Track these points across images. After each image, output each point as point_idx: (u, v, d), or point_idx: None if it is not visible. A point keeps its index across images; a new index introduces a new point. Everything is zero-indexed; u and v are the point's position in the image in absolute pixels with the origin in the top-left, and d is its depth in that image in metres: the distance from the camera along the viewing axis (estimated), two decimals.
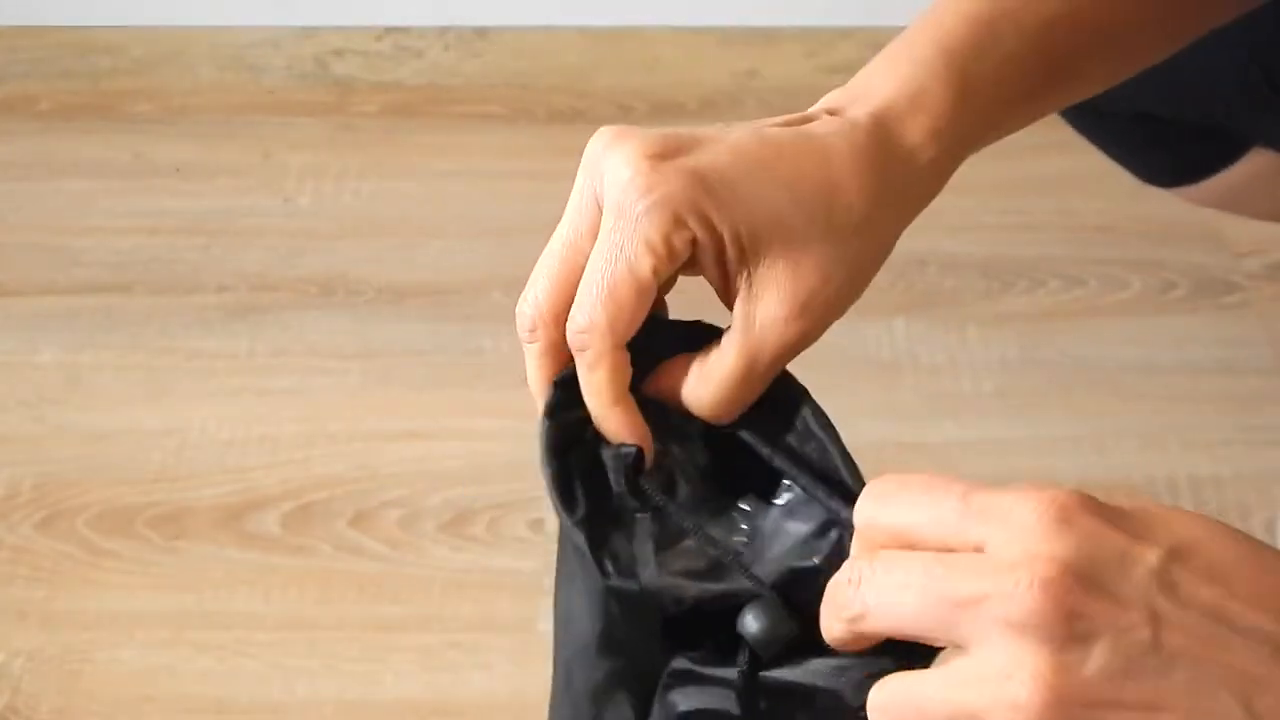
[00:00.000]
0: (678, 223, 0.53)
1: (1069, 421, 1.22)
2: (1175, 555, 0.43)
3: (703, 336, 0.55)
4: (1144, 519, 0.44)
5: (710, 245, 0.54)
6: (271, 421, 1.24)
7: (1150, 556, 0.43)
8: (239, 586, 1.12)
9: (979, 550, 0.44)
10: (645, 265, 0.53)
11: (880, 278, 0.74)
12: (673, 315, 0.59)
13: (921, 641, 0.45)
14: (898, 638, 0.45)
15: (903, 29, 0.67)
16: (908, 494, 0.46)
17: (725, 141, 0.55)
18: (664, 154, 0.54)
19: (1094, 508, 0.44)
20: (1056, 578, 0.42)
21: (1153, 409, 1.24)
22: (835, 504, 0.51)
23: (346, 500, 1.18)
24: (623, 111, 1.58)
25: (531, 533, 1.15)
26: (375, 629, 1.09)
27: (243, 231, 1.44)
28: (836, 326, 0.73)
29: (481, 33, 1.64)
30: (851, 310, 0.72)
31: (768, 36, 1.60)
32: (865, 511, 0.47)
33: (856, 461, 0.55)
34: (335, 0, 1.65)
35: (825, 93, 0.63)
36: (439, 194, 1.48)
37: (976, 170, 0.75)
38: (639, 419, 0.54)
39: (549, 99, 1.60)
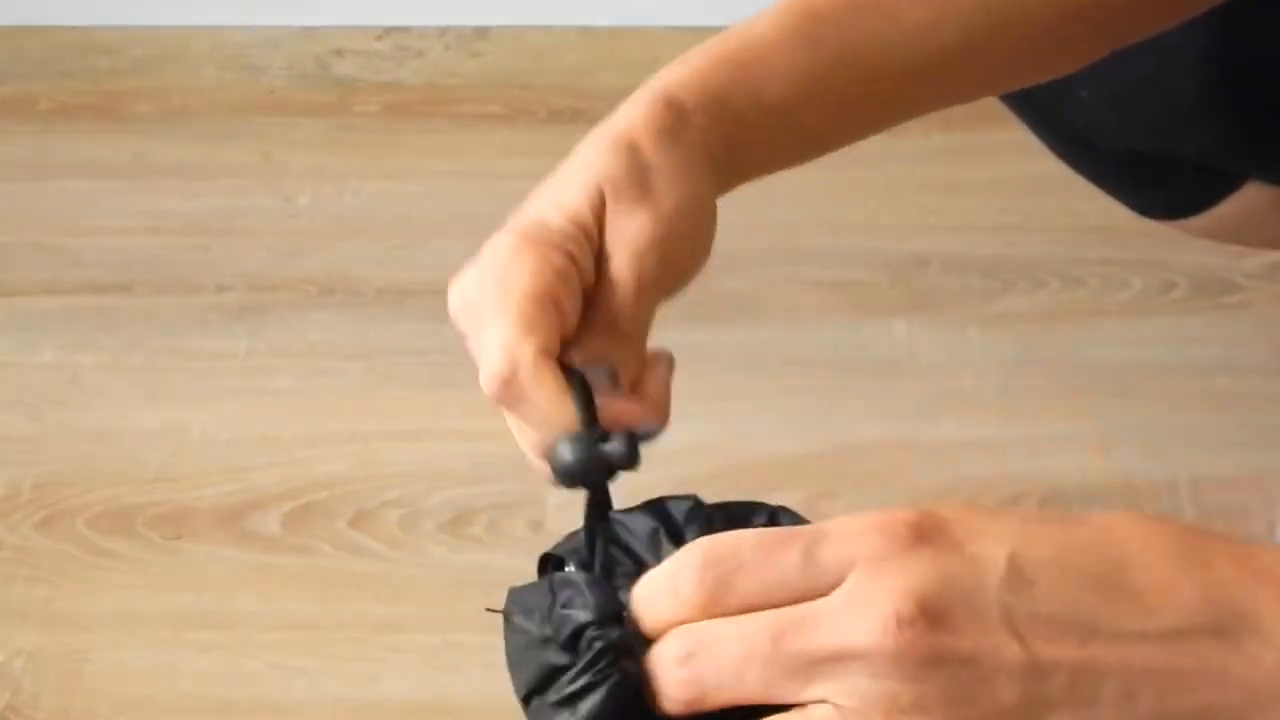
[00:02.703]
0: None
1: (1069, 421, 1.22)
2: (1015, 557, 0.43)
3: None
4: (963, 528, 0.44)
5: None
6: (271, 421, 1.24)
7: (994, 565, 0.43)
8: (239, 586, 1.12)
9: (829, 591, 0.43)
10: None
11: (880, 277, 0.74)
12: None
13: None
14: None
15: None
16: (739, 557, 0.45)
17: None
18: None
19: (921, 537, 0.43)
20: (919, 616, 0.42)
21: (1153, 409, 1.24)
22: None
23: (346, 500, 1.18)
24: None
25: (531, 533, 1.15)
26: (375, 629, 1.09)
27: (243, 231, 1.44)
28: (837, 326, 0.73)
29: (481, 33, 1.64)
30: (852, 310, 0.72)
31: None
32: (693, 590, 0.45)
33: (857, 461, 0.55)
34: (335, 0, 1.65)
35: None
36: (439, 194, 1.48)
37: (977, 170, 0.75)
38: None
39: (549, 99, 1.60)
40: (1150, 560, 0.44)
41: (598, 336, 0.58)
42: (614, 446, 0.53)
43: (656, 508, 0.52)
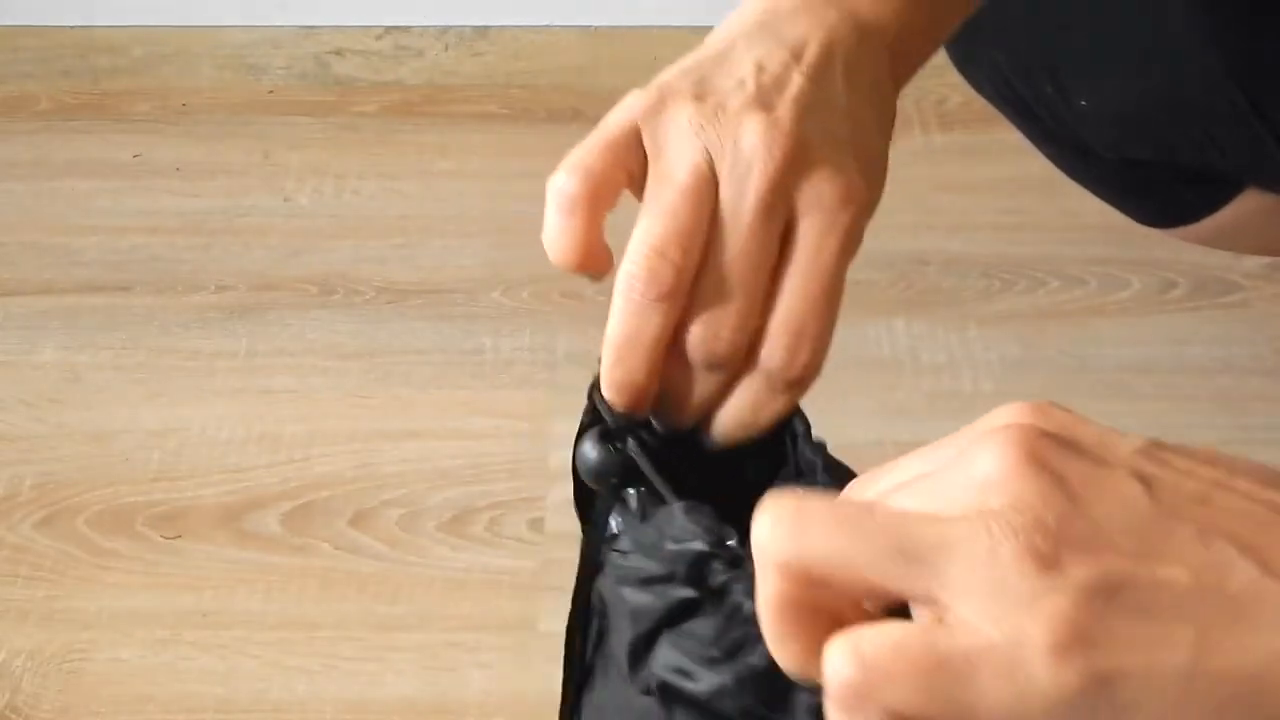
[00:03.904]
0: None
1: None
2: (1151, 443, 0.42)
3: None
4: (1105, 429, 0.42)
5: None
6: (271, 421, 1.24)
7: (1130, 441, 0.41)
8: (239, 586, 1.12)
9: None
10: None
11: (880, 277, 0.74)
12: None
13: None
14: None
15: None
16: (908, 460, 0.43)
17: None
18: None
19: (1067, 412, 0.42)
20: (1038, 425, 0.40)
21: (1153, 409, 1.24)
22: None
23: (346, 500, 1.18)
24: None
25: (531, 533, 1.15)
26: (375, 629, 1.09)
27: (242, 231, 1.44)
28: (839, 326, 0.73)
29: (481, 33, 1.64)
30: (851, 309, 0.72)
31: None
32: (778, 548, 0.40)
33: (857, 460, 0.55)
34: (335, 0, 1.65)
35: None
36: (439, 194, 1.48)
37: (977, 170, 0.75)
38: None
39: (549, 99, 1.60)
40: (1263, 469, 0.42)
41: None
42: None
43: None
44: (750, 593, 0.43)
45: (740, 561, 0.46)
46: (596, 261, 0.55)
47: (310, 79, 1.63)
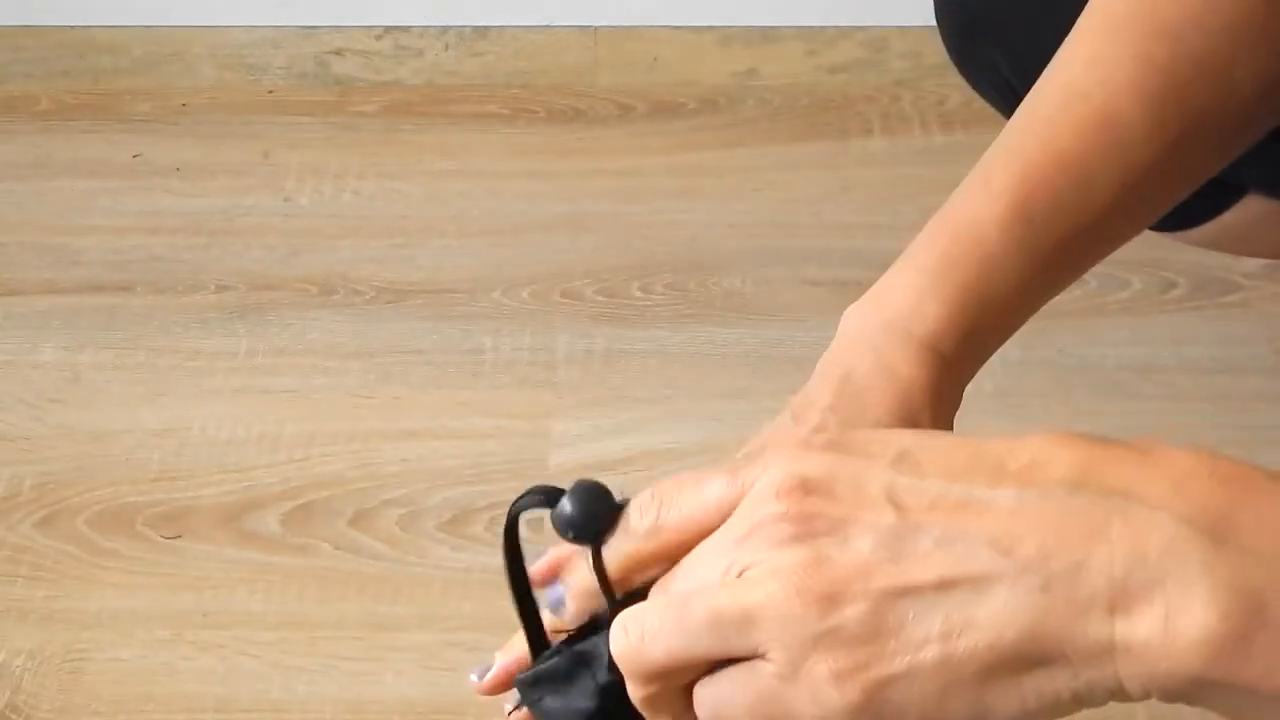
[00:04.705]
0: None
1: (1069, 421, 1.22)
2: (908, 450, 0.47)
3: None
4: (872, 436, 0.49)
5: None
6: (271, 421, 1.24)
7: (884, 457, 0.47)
8: (239, 586, 1.12)
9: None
10: None
11: (880, 277, 0.74)
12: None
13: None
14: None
15: (902, 30, 0.70)
16: (682, 489, 0.50)
17: None
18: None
19: (828, 443, 0.48)
20: (797, 486, 0.47)
21: (1153, 409, 1.24)
22: None
23: (346, 500, 1.18)
24: (622, 111, 1.58)
25: (531, 532, 1.14)
26: (375, 629, 1.09)
27: (242, 231, 1.44)
28: (837, 326, 0.73)
29: (481, 33, 1.64)
30: None
31: (767, 36, 1.60)
32: (647, 521, 0.51)
33: None
34: (335, 0, 1.65)
35: (825, 92, 0.66)
36: (439, 194, 1.48)
37: None
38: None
39: (549, 99, 1.60)
40: (1046, 443, 0.47)
41: None
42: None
43: None
44: None
45: None
46: None
47: (310, 79, 1.63)
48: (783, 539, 0.46)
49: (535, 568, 0.58)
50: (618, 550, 0.51)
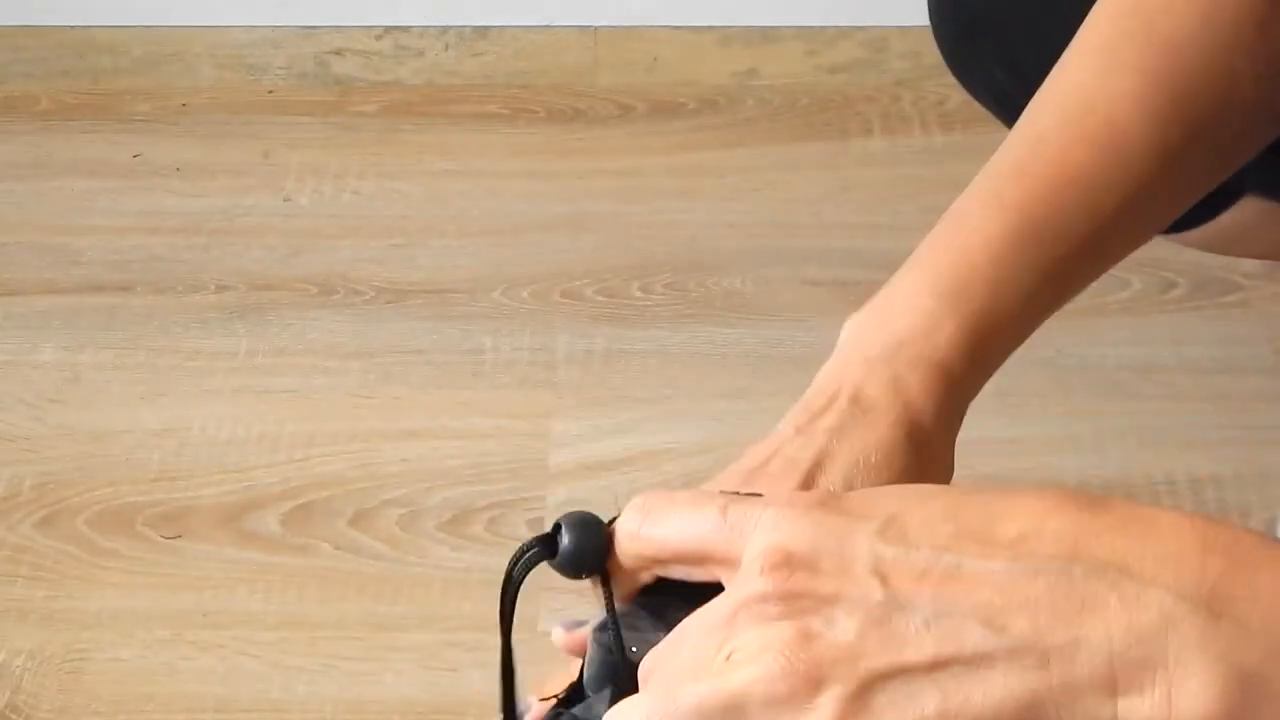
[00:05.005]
0: None
1: (1069, 421, 1.22)
2: (893, 515, 0.46)
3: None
4: (861, 498, 0.47)
5: None
6: (271, 421, 1.24)
7: (869, 522, 0.46)
8: (239, 586, 1.12)
9: (733, 562, 0.47)
10: None
11: (880, 277, 0.74)
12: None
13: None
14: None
15: (902, 30, 0.69)
16: (674, 508, 0.50)
17: None
18: None
19: (814, 501, 0.47)
20: (782, 563, 0.45)
21: (1153, 409, 1.24)
22: None
23: (346, 500, 1.18)
24: (622, 111, 1.58)
25: (531, 532, 1.14)
26: (375, 629, 1.09)
27: (242, 231, 1.44)
28: (837, 326, 0.73)
29: (481, 33, 1.64)
30: (851, 310, 0.72)
31: (767, 36, 1.60)
32: (630, 526, 0.50)
33: None
34: (335, 0, 1.65)
35: (825, 92, 0.66)
36: (439, 194, 1.48)
37: (977, 170, 0.75)
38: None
39: (549, 99, 1.60)
40: (1036, 510, 0.45)
41: None
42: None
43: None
44: None
45: None
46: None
47: (310, 79, 1.63)
48: (768, 618, 0.45)
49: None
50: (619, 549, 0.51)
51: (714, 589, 0.48)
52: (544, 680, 0.58)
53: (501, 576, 0.56)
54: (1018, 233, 0.68)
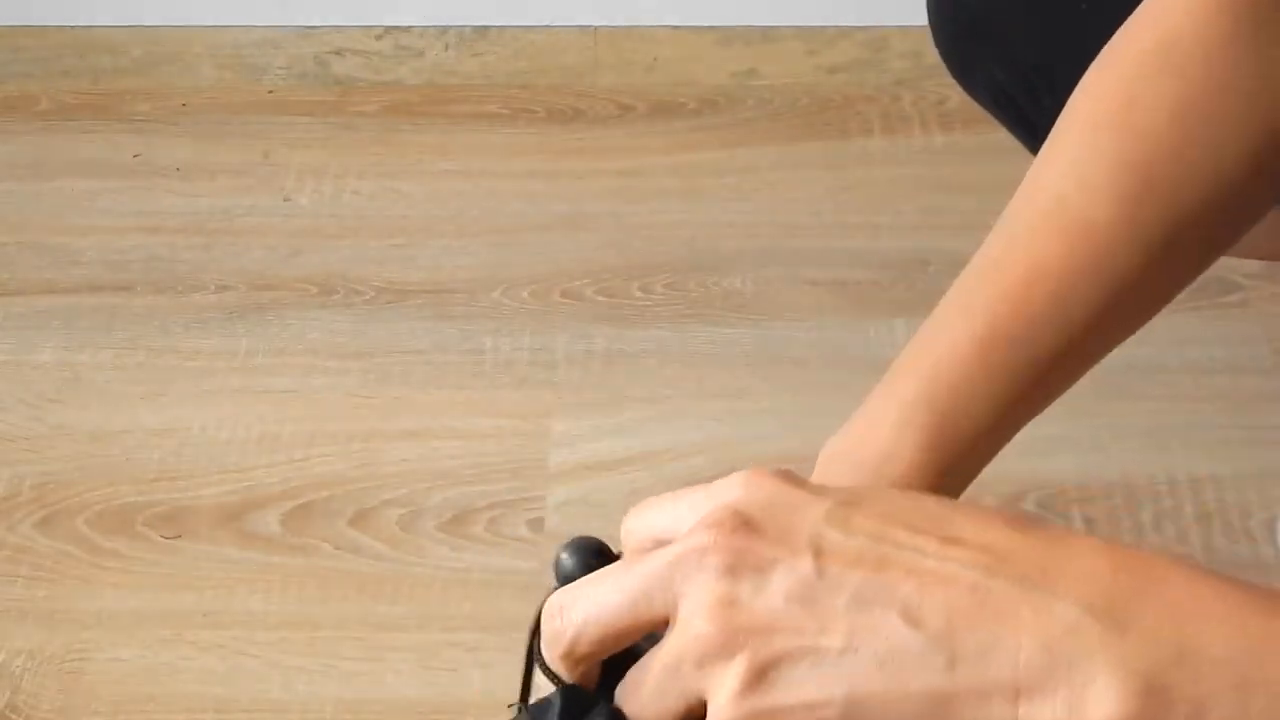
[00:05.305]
0: None
1: (1069, 421, 1.22)
2: (846, 501, 0.47)
3: None
4: (827, 483, 0.49)
5: None
6: (271, 421, 1.24)
7: (823, 503, 0.47)
8: (239, 586, 1.12)
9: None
10: None
11: (881, 278, 0.74)
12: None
13: (643, 635, 0.49)
14: (619, 646, 0.49)
15: (902, 30, 0.69)
16: (658, 503, 0.51)
17: None
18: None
19: (783, 475, 0.48)
20: (726, 519, 0.47)
21: (1153, 409, 1.24)
22: None
23: (346, 500, 1.18)
24: (622, 111, 1.58)
25: (531, 532, 1.15)
26: (375, 628, 1.09)
27: (242, 231, 1.44)
28: (837, 326, 0.73)
29: (481, 33, 1.64)
30: (852, 310, 0.72)
31: (767, 36, 1.60)
32: (626, 525, 0.52)
33: None
34: (335, 0, 1.65)
35: (825, 92, 0.65)
36: (439, 194, 1.48)
37: (977, 170, 0.75)
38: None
39: (549, 99, 1.60)
40: (976, 521, 0.47)
41: None
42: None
43: None
44: None
45: None
46: None
47: (310, 79, 1.63)
48: (703, 570, 0.46)
49: None
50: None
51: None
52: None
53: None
54: (986, 337, 0.67)
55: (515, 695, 0.59)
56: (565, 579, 0.53)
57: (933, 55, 1.07)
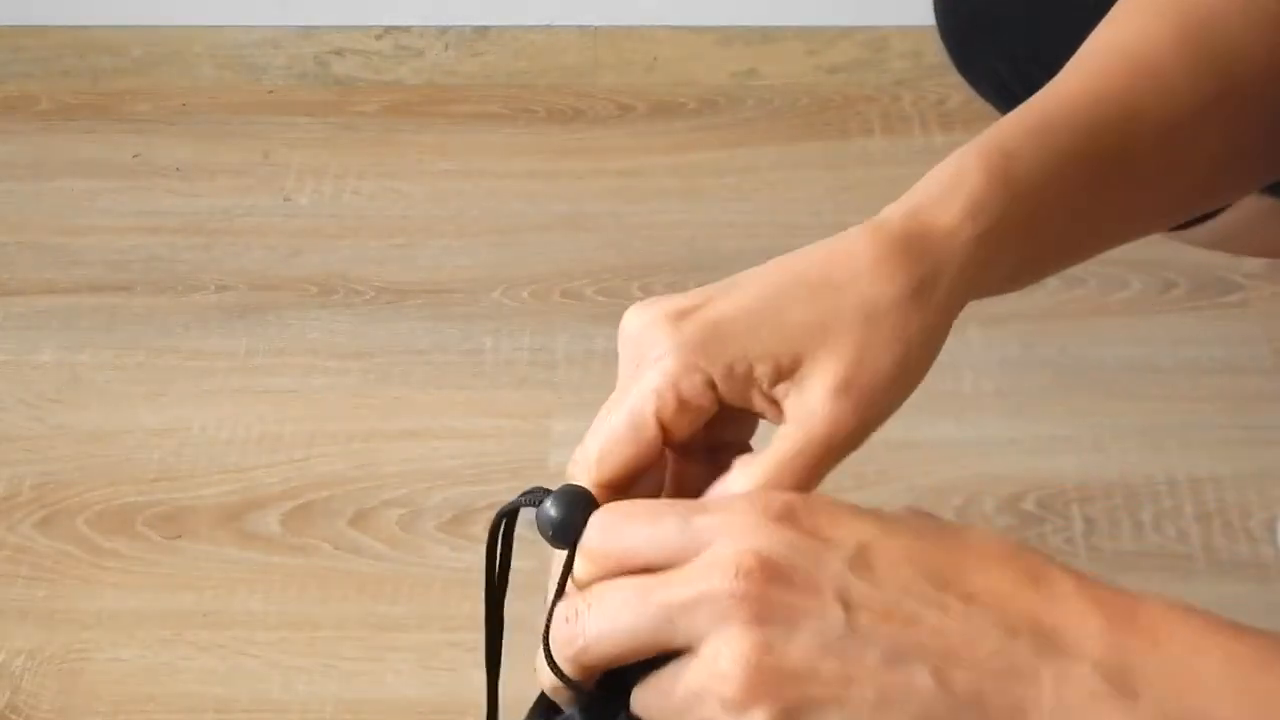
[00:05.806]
0: (688, 368, 0.55)
1: (1069, 421, 1.23)
2: (863, 549, 0.48)
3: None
4: (826, 520, 0.49)
5: (738, 382, 0.55)
6: (271, 421, 1.24)
7: (841, 551, 0.47)
8: (239, 586, 1.12)
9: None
10: (646, 407, 0.55)
11: None
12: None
13: (647, 657, 0.49)
14: (625, 661, 0.50)
15: (902, 30, 0.69)
16: (633, 520, 0.51)
17: (747, 280, 0.60)
18: (683, 312, 0.56)
19: (783, 517, 0.48)
20: (756, 568, 0.47)
21: (1153, 409, 1.24)
22: None
23: (346, 500, 1.18)
24: (622, 111, 1.58)
25: (532, 532, 1.14)
26: (375, 628, 1.09)
27: (242, 231, 1.44)
28: None
29: (481, 33, 1.64)
30: None
31: (767, 36, 1.60)
32: (592, 541, 0.52)
33: (857, 460, 0.55)
34: (335, 0, 1.65)
35: (825, 92, 0.66)
36: (439, 194, 1.48)
37: None
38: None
39: (549, 99, 1.60)
40: (992, 567, 0.48)
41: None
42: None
43: None
44: None
45: None
46: None
47: (310, 79, 1.63)
48: (733, 618, 0.47)
49: None
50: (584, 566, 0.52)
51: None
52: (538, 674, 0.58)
53: (510, 577, 0.57)
54: (1052, 115, 0.65)
55: (514, 696, 0.59)
56: (548, 525, 0.54)
57: (933, 55, 1.07)
